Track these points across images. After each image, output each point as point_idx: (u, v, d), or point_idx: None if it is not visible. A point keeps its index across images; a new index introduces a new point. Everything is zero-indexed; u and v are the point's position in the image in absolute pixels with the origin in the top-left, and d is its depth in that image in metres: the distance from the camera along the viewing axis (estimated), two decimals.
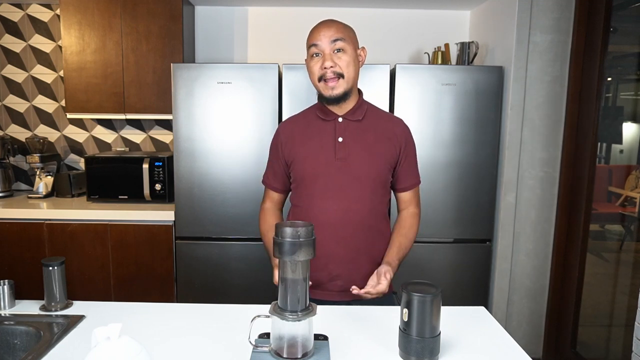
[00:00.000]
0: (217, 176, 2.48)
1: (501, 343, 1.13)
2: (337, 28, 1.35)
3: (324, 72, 1.33)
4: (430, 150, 2.46)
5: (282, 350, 1.00)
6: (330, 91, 1.34)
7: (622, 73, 2.52)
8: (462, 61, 2.73)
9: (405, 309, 1.00)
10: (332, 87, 1.34)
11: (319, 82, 1.36)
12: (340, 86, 1.34)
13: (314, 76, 1.37)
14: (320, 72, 1.34)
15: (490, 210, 2.54)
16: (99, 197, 2.72)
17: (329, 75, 1.33)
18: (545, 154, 2.54)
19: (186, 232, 2.52)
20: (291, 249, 0.97)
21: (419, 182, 1.51)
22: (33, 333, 1.16)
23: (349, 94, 1.38)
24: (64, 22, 2.68)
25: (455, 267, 2.55)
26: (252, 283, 2.52)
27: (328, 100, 1.38)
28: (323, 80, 1.34)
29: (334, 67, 1.32)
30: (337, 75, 1.33)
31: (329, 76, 1.33)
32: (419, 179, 1.51)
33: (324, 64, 1.32)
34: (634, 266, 2.44)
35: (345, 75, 1.34)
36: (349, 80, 1.35)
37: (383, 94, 2.43)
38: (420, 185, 1.53)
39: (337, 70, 1.33)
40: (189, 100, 2.44)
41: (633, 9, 2.38)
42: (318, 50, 1.34)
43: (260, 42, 3.06)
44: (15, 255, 2.55)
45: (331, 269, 1.40)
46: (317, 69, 1.34)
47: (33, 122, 3.11)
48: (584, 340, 2.53)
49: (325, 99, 1.38)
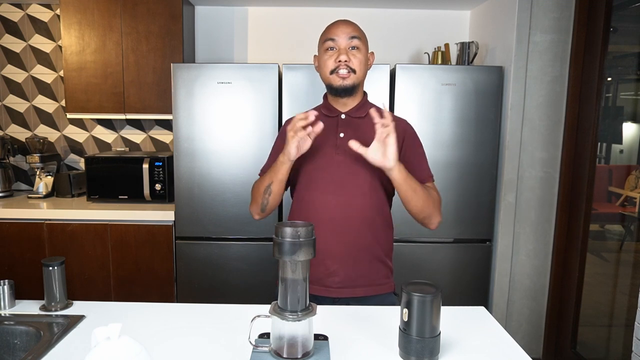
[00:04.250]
0: (217, 176, 2.48)
1: (501, 343, 1.13)
2: (354, 27, 1.40)
3: (337, 65, 1.36)
4: (430, 150, 2.45)
5: (282, 350, 1.00)
6: (341, 81, 1.37)
7: (622, 73, 2.52)
8: (462, 61, 2.73)
9: (405, 309, 1.00)
10: (344, 78, 1.37)
11: (330, 75, 1.38)
12: (350, 79, 1.37)
13: (326, 69, 1.39)
14: (335, 65, 1.37)
15: (490, 210, 2.54)
16: (99, 197, 2.72)
17: (342, 68, 1.36)
18: (545, 154, 2.54)
19: (186, 232, 2.52)
20: (291, 249, 0.97)
21: (429, 176, 1.46)
22: (33, 333, 1.16)
23: (357, 89, 1.41)
24: (64, 22, 2.68)
25: (455, 267, 2.55)
26: (252, 283, 2.52)
27: (337, 91, 1.39)
28: (335, 72, 1.37)
29: (348, 62, 1.36)
30: (349, 69, 1.37)
31: (342, 69, 1.36)
32: (430, 174, 1.46)
33: (339, 57, 1.35)
34: (634, 266, 2.44)
35: (357, 72, 1.38)
36: (359, 77, 1.39)
37: (383, 94, 2.43)
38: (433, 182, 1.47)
39: (350, 65, 1.36)
40: (189, 100, 2.44)
41: (633, 9, 2.38)
42: (334, 45, 1.38)
43: (260, 42, 3.06)
44: (15, 255, 2.55)
45: (329, 265, 1.40)
46: (332, 62, 1.37)
47: (33, 122, 3.11)
48: (584, 340, 2.53)
49: (334, 89, 1.40)
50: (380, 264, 1.45)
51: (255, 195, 1.45)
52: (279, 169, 1.36)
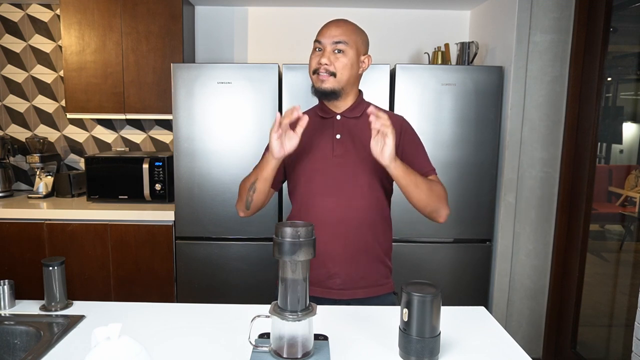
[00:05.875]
0: (217, 176, 2.48)
1: (501, 343, 1.13)
2: (343, 30, 1.39)
3: (318, 67, 1.39)
4: (431, 150, 2.41)
5: (282, 350, 1.00)
6: (320, 83, 1.39)
7: (622, 73, 2.52)
8: (462, 61, 2.73)
9: (405, 309, 1.00)
10: (322, 81, 1.39)
11: (313, 75, 1.42)
12: (329, 82, 1.38)
13: (310, 67, 1.42)
14: (316, 67, 1.40)
15: (490, 210, 2.54)
16: (99, 197, 2.72)
17: (321, 71, 1.38)
18: (545, 154, 2.54)
19: (186, 232, 2.52)
20: (291, 249, 0.97)
21: (431, 170, 1.45)
22: (33, 333, 1.16)
23: (339, 93, 1.40)
24: (64, 22, 2.68)
25: (455, 267, 2.55)
26: (252, 283, 2.52)
27: (318, 93, 1.42)
28: (316, 74, 1.40)
29: (328, 65, 1.37)
30: (329, 73, 1.38)
31: (321, 72, 1.38)
32: (431, 167, 1.46)
33: (321, 60, 1.38)
34: (634, 266, 2.44)
35: (338, 75, 1.38)
36: (340, 81, 1.39)
37: (383, 94, 2.43)
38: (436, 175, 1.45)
39: (330, 69, 1.37)
40: (189, 100, 2.44)
41: (633, 9, 2.38)
42: (321, 47, 1.40)
43: (260, 42, 3.06)
44: (15, 255, 2.55)
45: (330, 267, 1.40)
46: (315, 62, 1.40)
47: (33, 122, 3.11)
48: (584, 340, 2.53)
49: (315, 90, 1.43)
50: (381, 264, 1.45)
51: (241, 192, 1.44)
52: (264, 167, 1.36)
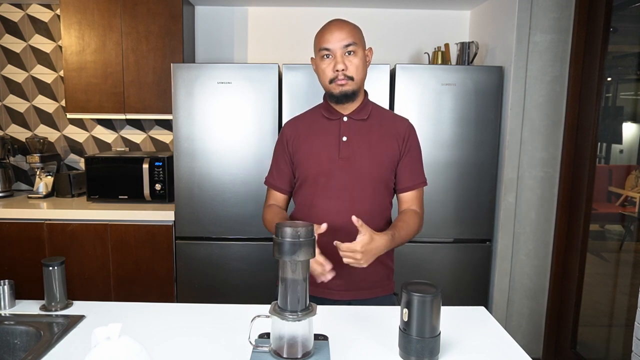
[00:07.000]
0: (217, 176, 2.48)
1: (501, 343, 1.13)
2: (348, 31, 1.36)
3: (336, 75, 1.35)
4: (430, 150, 2.46)
5: (282, 350, 1.00)
6: (340, 88, 1.37)
7: (622, 73, 2.52)
8: (462, 61, 2.73)
9: (405, 309, 1.00)
10: (342, 85, 1.37)
11: (330, 84, 1.38)
12: (349, 85, 1.37)
13: (325, 77, 1.38)
14: (333, 74, 1.36)
15: (490, 210, 2.54)
16: (99, 197, 2.72)
17: (340, 77, 1.35)
18: (545, 154, 2.54)
19: (186, 232, 2.52)
20: (291, 249, 0.97)
21: (423, 182, 1.46)
22: (33, 333, 1.16)
23: (357, 93, 1.40)
24: (64, 22, 2.68)
25: (455, 267, 2.55)
26: (252, 283, 2.52)
27: (338, 98, 1.39)
28: (334, 82, 1.37)
29: (345, 70, 1.35)
30: (347, 78, 1.36)
31: (340, 78, 1.35)
32: (424, 179, 1.47)
33: (336, 67, 1.34)
34: (634, 266, 2.43)
35: (355, 78, 1.37)
36: (357, 82, 1.38)
37: (383, 94, 2.43)
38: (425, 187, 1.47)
39: (348, 73, 1.35)
40: (189, 100, 2.44)
41: (633, 9, 2.38)
42: (329, 53, 1.36)
43: (260, 42, 3.06)
44: (15, 255, 2.55)
45: (333, 268, 1.39)
46: (330, 71, 1.36)
47: (33, 122, 3.11)
48: (584, 340, 2.53)
49: (334, 97, 1.39)
50: (383, 266, 1.45)
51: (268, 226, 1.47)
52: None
